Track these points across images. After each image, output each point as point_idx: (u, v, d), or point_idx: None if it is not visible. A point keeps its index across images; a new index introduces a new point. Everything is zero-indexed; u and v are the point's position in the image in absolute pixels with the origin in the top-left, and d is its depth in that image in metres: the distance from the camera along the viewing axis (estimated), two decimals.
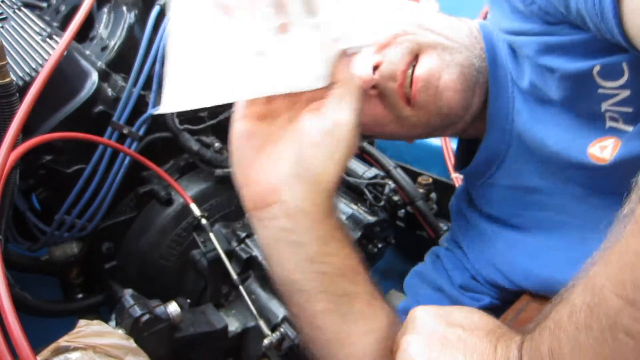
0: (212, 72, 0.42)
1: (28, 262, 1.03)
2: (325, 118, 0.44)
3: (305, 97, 0.45)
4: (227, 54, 0.41)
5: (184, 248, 1.02)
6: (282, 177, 0.45)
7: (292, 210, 0.45)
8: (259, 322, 0.86)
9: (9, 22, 1.02)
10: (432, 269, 0.76)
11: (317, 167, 0.44)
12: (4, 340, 0.47)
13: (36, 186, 0.99)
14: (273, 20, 0.41)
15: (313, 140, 0.44)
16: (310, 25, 0.42)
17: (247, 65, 0.42)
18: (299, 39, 0.42)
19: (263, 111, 0.46)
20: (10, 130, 0.65)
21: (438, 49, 0.60)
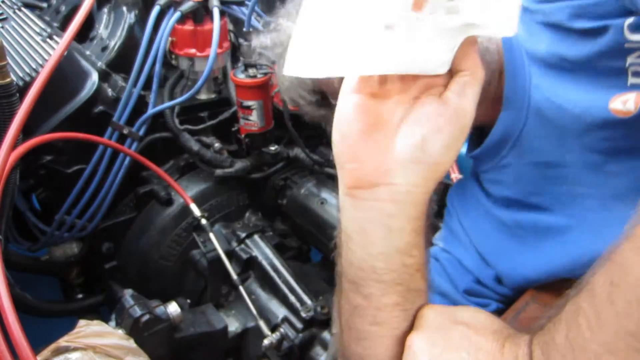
0: (339, 42, 0.41)
1: (28, 262, 1.03)
2: (449, 105, 0.42)
3: (420, 81, 0.43)
4: (356, 24, 0.40)
5: (184, 248, 1.02)
6: (399, 159, 0.43)
7: (401, 195, 0.43)
8: (259, 323, 0.86)
9: (9, 22, 1.02)
10: (434, 272, 0.74)
11: (438, 154, 0.42)
12: (4, 340, 0.47)
13: (36, 186, 0.99)
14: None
15: (438, 125, 0.42)
16: (446, 7, 0.40)
17: (374, 39, 0.40)
18: (432, 19, 0.40)
19: (375, 90, 0.44)
20: (10, 131, 0.65)
21: None
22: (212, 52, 0.94)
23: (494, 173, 0.70)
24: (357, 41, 0.40)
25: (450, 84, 0.43)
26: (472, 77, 0.42)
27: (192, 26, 0.97)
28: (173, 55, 1.01)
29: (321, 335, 0.86)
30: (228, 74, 1.06)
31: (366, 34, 0.40)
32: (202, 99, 1.06)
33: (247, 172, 1.05)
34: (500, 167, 0.67)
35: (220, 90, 1.09)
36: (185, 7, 0.95)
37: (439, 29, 0.40)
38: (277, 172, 1.09)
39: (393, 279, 0.44)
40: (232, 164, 1.03)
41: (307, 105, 0.75)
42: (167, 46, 0.98)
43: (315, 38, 0.41)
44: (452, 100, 0.42)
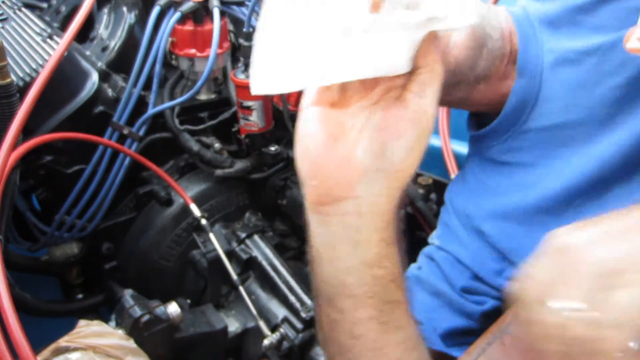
0: (298, 53, 0.40)
1: (28, 263, 1.03)
2: (409, 107, 0.41)
3: (382, 84, 0.42)
4: (313, 32, 0.39)
5: (184, 248, 1.02)
6: (361, 170, 0.41)
7: (365, 207, 0.42)
8: (259, 323, 0.86)
9: (10, 22, 1.02)
10: (429, 272, 0.74)
11: (400, 161, 0.41)
12: (4, 340, 0.47)
13: (36, 186, 0.99)
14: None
15: (397, 131, 0.41)
16: (405, 3, 0.39)
17: (333, 47, 0.39)
18: (391, 19, 0.38)
19: (335, 99, 0.43)
20: (10, 131, 0.65)
21: None
22: (212, 52, 0.94)
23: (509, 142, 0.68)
24: (315, 51, 0.39)
25: (409, 84, 0.41)
26: (431, 75, 0.41)
27: (192, 26, 0.97)
28: (173, 55, 1.01)
29: None
30: (228, 74, 1.06)
31: (324, 42, 0.39)
32: (202, 99, 1.06)
33: (247, 173, 1.05)
34: (517, 134, 0.66)
35: (220, 90, 1.09)
36: (186, 8, 0.95)
37: (399, 27, 0.39)
38: (277, 172, 1.09)
39: (365, 293, 0.43)
40: (232, 164, 1.03)
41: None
42: (167, 46, 0.98)
43: (275, 52, 0.40)
44: (411, 101, 0.41)
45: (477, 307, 0.67)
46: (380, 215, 0.42)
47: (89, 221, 0.98)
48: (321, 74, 0.40)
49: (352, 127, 0.42)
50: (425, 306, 0.70)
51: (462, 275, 0.70)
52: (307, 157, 0.43)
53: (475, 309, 0.67)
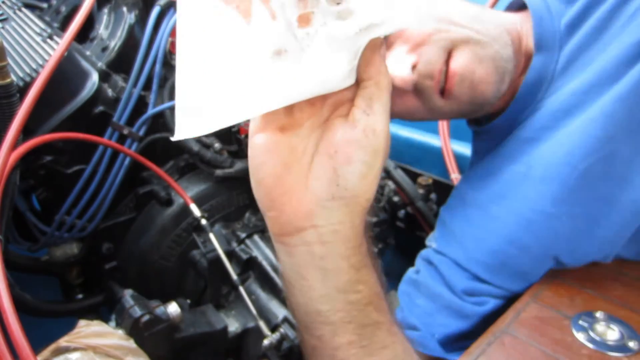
0: (227, 86, 0.36)
1: (28, 263, 1.03)
2: (357, 126, 0.38)
3: (330, 100, 0.40)
4: (241, 60, 0.36)
5: (184, 248, 1.02)
6: (316, 199, 0.40)
7: (327, 236, 0.40)
8: (259, 323, 0.86)
9: (10, 22, 1.02)
10: (427, 276, 0.73)
11: (355, 186, 0.39)
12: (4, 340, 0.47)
13: (36, 187, 0.99)
14: (291, 12, 0.35)
15: (348, 155, 0.38)
16: (335, 13, 0.35)
17: (266, 70, 0.36)
18: (324, 31, 0.35)
19: (284, 121, 0.40)
20: (10, 131, 0.65)
21: (470, 43, 0.62)
22: None
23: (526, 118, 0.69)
24: (247, 79, 0.36)
25: (356, 99, 0.39)
26: (377, 88, 0.39)
27: None
28: (173, 55, 1.01)
29: None
30: None
31: (255, 67, 0.35)
32: None
33: (247, 173, 1.04)
34: (534, 111, 0.67)
35: None
36: None
37: (335, 39, 0.35)
38: None
39: (341, 319, 0.42)
40: (232, 164, 1.03)
41: None
42: (167, 46, 0.98)
43: (203, 86, 0.36)
44: (360, 120, 0.38)
45: (477, 308, 0.67)
46: (345, 242, 0.41)
47: (89, 221, 0.98)
48: (256, 103, 0.36)
49: (304, 151, 0.40)
50: (423, 311, 0.69)
51: (462, 277, 0.69)
52: (262, 188, 0.41)
53: (475, 311, 0.67)
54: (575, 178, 0.59)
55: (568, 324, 0.58)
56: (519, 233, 0.64)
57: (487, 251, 0.67)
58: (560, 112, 0.63)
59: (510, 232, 0.65)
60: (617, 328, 0.57)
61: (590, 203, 0.61)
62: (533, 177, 0.64)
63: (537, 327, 0.58)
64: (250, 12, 0.35)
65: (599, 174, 0.59)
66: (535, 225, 0.63)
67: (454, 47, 0.62)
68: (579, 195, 0.60)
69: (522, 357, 0.54)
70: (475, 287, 0.68)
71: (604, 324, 0.57)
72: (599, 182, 0.59)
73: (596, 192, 0.60)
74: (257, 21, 0.35)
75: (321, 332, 0.43)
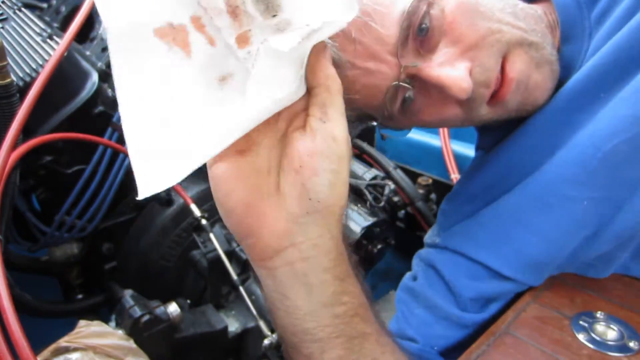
0: (180, 129, 0.34)
1: (28, 263, 1.03)
2: (316, 136, 0.38)
3: (284, 112, 0.38)
4: (188, 96, 0.34)
5: (184, 248, 1.02)
6: (291, 218, 0.39)
7: (308, 251, 0.40)
8: (259, 323, 0.86)
9: (10, 22, 1.02)
10: (425, 285, 0.68)
11: (327, 196, 0.38)
12: (4, 340, 0.47)
13: (36, 187, 0.99)
14: (228, 34, 0.34)
15: (313, 167, 0.38)
16: (273, 26, 0.34)
17: (215, 101, 0.34)
18: (264, 47, 0.34)
19: (241, 144, 0.38)
20: (10, 131, 0.65)
21: (524, 45, 0.56)
22: None
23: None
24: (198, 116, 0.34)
25: (310, 108, 0.38)
26: (329, 93, 0.38)
27: None
28: None
29: None
30: None
31: (204, 100, 0.34)
32: None
33: None
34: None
35: None
36: None
37: (278, 54, 0.33)
38: None
39: (329, 334, 0.41)
40: None
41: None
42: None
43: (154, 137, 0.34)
44: (318, 129, 0.38)
45: (477, 316, 0.64)
46: (326, 254, 0.40)
47: (89, 221, 0.98)
48: (216, 140, 0.34)
49: (268, 171, 0.39)
50: (422, 321, 0.66)
51: (470, 278, 0.65)
52: (234, 218, 0.39)
53: (475, 319, 0.64)
54: (599, 160, 0.55)
55: (568, 324, 0.58)
56: (536, 218, 0.60)
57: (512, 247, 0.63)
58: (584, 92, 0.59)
59: (527, 217, 0.61)
60: (617, 328, 0.56)
61: (613, 187, 0.56)
62: (554, 160, 0.60)
63: (537, 327, 0.58)
64: (187, 43, 0.34)
65: (625, 155, 0.54)
66: (554, 209, 0.59)
67: (509, 51, 0.55)
68: (602, 179, 0.56)
69: (522, 357, 0.54)
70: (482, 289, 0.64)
71: (604, 324, 0.57)
72: (623, 165, 0.55)
73: (620, 176, 0.56)
74: (196, 51, 0.34)
75: (310, 350, 0.42)
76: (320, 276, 0.41)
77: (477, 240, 0.65)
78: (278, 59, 0.34)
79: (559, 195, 0.59)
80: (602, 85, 0.57)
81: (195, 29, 0.34)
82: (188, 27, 0.34)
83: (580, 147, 0.57)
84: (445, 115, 0.59)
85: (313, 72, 0.38)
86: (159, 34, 0.34)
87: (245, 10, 0.34)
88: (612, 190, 0.56)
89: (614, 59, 0.56)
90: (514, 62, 0.55)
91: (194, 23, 0.34)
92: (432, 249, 0.72)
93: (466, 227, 0.68)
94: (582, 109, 0.59)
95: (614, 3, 0.59)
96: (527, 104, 0.59)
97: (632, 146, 0.54)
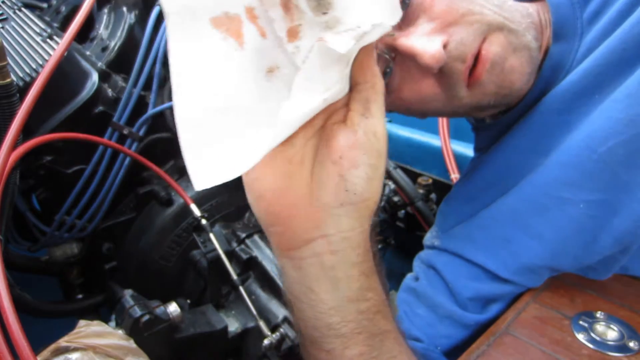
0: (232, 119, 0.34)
1: (28, 263, 1.03)
2: (358, 130, 0.38)
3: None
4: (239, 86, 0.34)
5: (184, 248, 1.02)
6: (324, 208, 0.38)
7: (338, 244, 0.39)
8: (259, 323, 0.86)
9: (10, 22, 1.02)
10: (427, 285, 0.68)
11: (364, 190, 0.38)
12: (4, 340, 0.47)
13: (36, 187, 0.99)
14: (279, 27, 0.34)
15: (353, 160, 0.38)
16: (321, 25, 0.35)
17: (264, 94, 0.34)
18: (318, 46, 0.34)
19: None
20: (10, 131, 0.65)
21: (504, 30, 0.57)
22: None
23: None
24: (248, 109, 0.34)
25: (352, 103, 0.38)
26: (374, 90, 0.38)
27: None
28: None
29: None
30: None
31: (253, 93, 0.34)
32: None
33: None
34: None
35: None
36: None
37: (332, 53, 0.33)
38: None
39: (352, 330, 0.41)
40: None
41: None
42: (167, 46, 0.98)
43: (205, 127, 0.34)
44: (360, 124, 0.38)
45: (479, 316, 0.64)
46: (355, 248, 0.40)
47: (89, 221, 0.98)
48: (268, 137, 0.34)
49: (301, 161, 0.39)
50: (425, 322, 0.66)
51: (470, 279, 0.65)
52: (262, 204, 0.39)
53: (477, 319, 0.64)
54: (594, 162, 0.55)
55: (568, 324, 0.58)
56: (534, 221, 0.60)
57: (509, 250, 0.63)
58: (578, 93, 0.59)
59: (525, 220, 0.61)
60: (617, 328, 0.56)
61: (609, 190, 0.56)
62: (549, 162, 0.60)
63: (537, 327, 0.58)
64: (241, 33, 0.34)
65: (620, 158, 0.55)
66: (550, 212, 0.59)
67: (489, 33, 0.56)
68: (598, 181, 0.56)
69: (522, 357, 0.54)
70: (482, 290, 0.64)
71: (604, 324, 0.57)
72: (619, 167, 0.55)
73: (616, 178, 0.56)
74: (248, 41, 0.34)
75: (332, 346, 0.42)
76: (347, 271, 0.40)
77: (475, 242, 0.65)
78: (330, 58, 0.34)
79: (556, 198, 0.58)
80: (596, 87, 0.57)
81: (249, 20, 0.34)
82: (242, 17, 0.34)
83: (576, 149, 0.57)
84: (423, 92, 0.59)
85: (361, 70, 0.38)
86: (215, 22, 0.34)
87: (297, 4, 0.34)
88: (607, 193, 0.56)
89: (607, 61, 0.56)
90: (491, 43, 0.56)
91: (247, 13, 0.34)
92: (432, 250, 0.72)
93: (465, 229, 0.68)
94: (577, 110, 0.59)
95: (606, 4, 0.59)
96: (504, 87, 0.59)
97: (627, 149, 0.54)
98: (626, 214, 0.57)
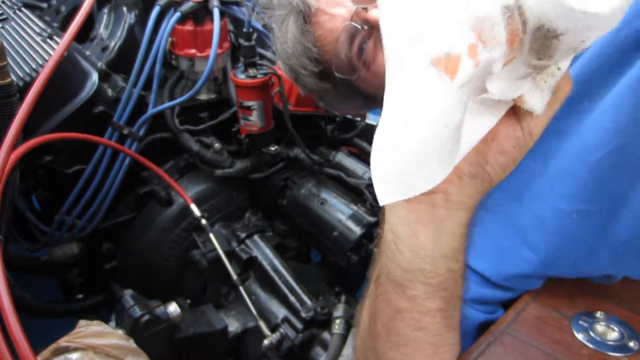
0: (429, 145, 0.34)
1: (28, 263, 1.03)
2: (521, 125, 0.41)
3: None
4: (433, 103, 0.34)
5: (184, 248, 1.02)
6: (457, 172, 0.42)
7: (454, 204, 0.43)
8: (259, 323, 0.86)
9: (10, 22, 1.02)
10: None
11: (498, 175, 0.42)
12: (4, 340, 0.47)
13: (36, 186, 0.99)
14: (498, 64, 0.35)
15: (503, 148, 0.41)
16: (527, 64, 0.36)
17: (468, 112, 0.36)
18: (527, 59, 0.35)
19: None
20: (10, 131, 0.65)
21: None
22: (212, 52, 0.94)
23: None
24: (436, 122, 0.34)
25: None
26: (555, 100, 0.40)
27: (192, 26, 0.97)
28: (173, 55, 1.01)
29: (321, 335, 0.86)
30: (228, 74, 1.06)
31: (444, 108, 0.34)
32: (202, 100, 1.06)
33: (247, 173, 1.05)
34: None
35: (220, 90, 1.09)
36: (185, 8, 0.95)
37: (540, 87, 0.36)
38: (277, 172, 1.10)
39: (439, 283, 0.44)
40: (232, 164, 1.03)
41: (307, 77, 0.73)
42: (167, 46, 0.98)
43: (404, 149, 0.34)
44: (526, 120, 0.41)
45: (487, 315, 0.63)
46: (466, 211, 0.44)
47: (89, 221, 0.98)
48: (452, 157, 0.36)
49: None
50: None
51: (471, 283, 0.65)
52: None
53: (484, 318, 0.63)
54: (586, 172, 0.57)
55: (568, 324, 0.58)
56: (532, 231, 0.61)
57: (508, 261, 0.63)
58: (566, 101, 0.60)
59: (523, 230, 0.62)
60: (617, 328, 0.56)
61: (602, 199, 0.57)
62: (546, 171, 0.60)
63: (537, 327, 0.58)
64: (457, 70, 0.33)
65: (610, 168, 0.56)
66: (548, 223, 0.60)
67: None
68: (591, 191, 0.57)
69: (522, 357, 0.54)
70: (483, 295, 0.64)
71: (604, 324, 0.57)
72: (609, 177, 0.56)
73: (607, 188, 0.57)
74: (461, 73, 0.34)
75: (416, 292, 0.44)
76: (453, 227, 0.43)
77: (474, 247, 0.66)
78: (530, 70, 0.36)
79: (551, 208, 0.59)
80: (585, 94, 0.58)
81: (469, 57, 0.34)
82: (463, 56, 0.33)
83: (569, 160, 0.58)
84: None
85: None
86: (435, 62, 0.33)
87: (523, 40, 0.34)
88: (598, 203, 0.57)
89: (594, 68, 0.57)
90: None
91: (469, 52, 0.33)
92: None
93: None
94: (568, 116, 0.59)
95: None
96: None
97: (616, 159, 0.55)
98: (621, 222, 0.58)
